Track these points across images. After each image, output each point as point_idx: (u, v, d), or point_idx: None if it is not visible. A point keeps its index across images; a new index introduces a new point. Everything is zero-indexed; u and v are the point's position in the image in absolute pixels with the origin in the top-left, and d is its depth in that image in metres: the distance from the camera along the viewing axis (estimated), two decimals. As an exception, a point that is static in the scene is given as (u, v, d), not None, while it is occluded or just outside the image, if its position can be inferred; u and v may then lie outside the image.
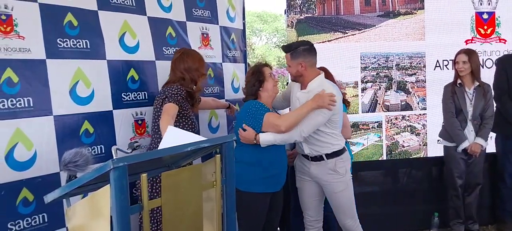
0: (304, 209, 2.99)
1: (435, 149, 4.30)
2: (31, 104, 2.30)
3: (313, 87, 2.71)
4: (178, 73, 2.71)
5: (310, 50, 2.72)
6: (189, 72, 2.71)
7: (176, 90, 2.58)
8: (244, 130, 2.66)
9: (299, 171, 2.94)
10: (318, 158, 2.78)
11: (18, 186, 2.26)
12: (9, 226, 2.23)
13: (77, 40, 2.53)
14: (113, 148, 1.88)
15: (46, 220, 2.37)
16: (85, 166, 1.74)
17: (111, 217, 1.60)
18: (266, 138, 2.64)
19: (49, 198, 1.85)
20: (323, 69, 2.93)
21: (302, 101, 2.70)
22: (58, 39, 2.44)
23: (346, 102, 3.19)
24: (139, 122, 2.89)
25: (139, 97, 2.89)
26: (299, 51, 2.70)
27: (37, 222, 2.34)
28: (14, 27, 2.27)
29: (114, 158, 1.69)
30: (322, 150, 2.76)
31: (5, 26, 2.23)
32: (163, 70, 3.04)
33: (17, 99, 2.25)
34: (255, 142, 2.64)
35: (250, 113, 2.67)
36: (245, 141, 2.67)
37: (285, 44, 2.86)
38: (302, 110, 2.60)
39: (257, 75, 2.74)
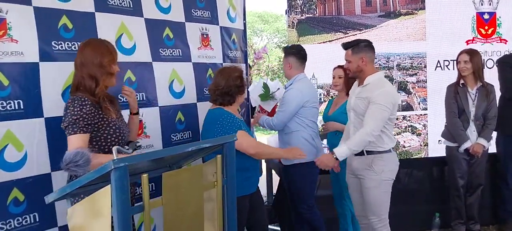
0: (353, 203, 3.13)
1: (436, 149, 4.30)
2: (22, 107, 2.31)
3: (371, 81, 2.81)
4: (78, 73, 2.15)
5: (370, 46, 2.87)
6: (87, 68, 2.12)
7: (77, 113, 2.03)
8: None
9: (347, 168, 3.05)
10: (359, 153, 2.85)
11: (8, 186, 2.26)
12: (0, 225, 2.24)
13: (72, 43, 2.52)
14: (114, 148, 1.87)
15: (37, 220, 2.37)
16: (86, 166, 1.74)
17: (112, 217, 1.60)
18: (343, 153, 2.74)
19: (50, 198, 1.85)
20: (342, 67, 3.25)
21: (360, 95, 2.82)
22: (53, 42, 2.44)
23: None
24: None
25: (137, 98, 2.88)
26: (361, 46, 2.84)
27: (28, 222, 2.34)
28: (8, 30, 2.27)
29: (115, 158, 1.69)
30: (366, 147, 2.81)
31: None
32: (160, 71, 3.04)
33: (7, 102, 2.26)
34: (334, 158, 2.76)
35: (221, 124, 2.65)
36: (327, 167, 2.82)
37: (345, 42, 2.97)
38: (275, 151, 3.02)
39: (241, 80, 2.76)
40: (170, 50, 3.13)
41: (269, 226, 4.35)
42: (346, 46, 2.91)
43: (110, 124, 2.15)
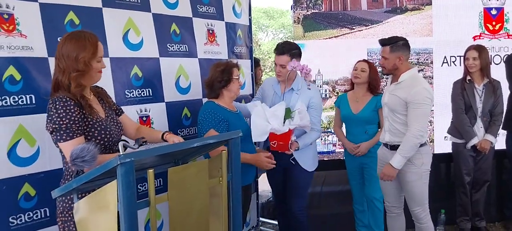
0: (384, 195, 3.19)
1: (442, 146, 4.27)
2: (34, 102, 2.33)
3: (405, 78, 2.87)
4: (56, 71, 1.95)
5: (407, 45, 2.90)
6: (62, 63, 1.92)
7: (64, 116, 1.86)
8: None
9: (379, 159, 3.11)
10: (396, 147, 2.90)
11: (19, 181, 2.29)
12: (10, 219, 2.26)
13: None
14: (120, 143, 1.88)
15: (47, 215, 2.40)
16: (92, 161, 1.74)
17: (118, 212, 1.61)
18: (400, 161, 2.81)
19: (56, 193, 1.86)
20: (367, 62, 3.27)
21: (394, 93, 2.89)
22: (58, 38, 2.44)
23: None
24: (144, 118, 2.90)
25: (144, 94, 2.90)
26: (400, 45, 2.86)
27: (39, 216, 2.37)
28: (16, 26, 2.29)
29: (121, 153, 1.69)
30: (400, 140, 2.88)
31: (7, 24, 2.25)
32: (167, 67, 3.05)
33: (19, 97, 2.28)
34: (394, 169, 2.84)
35: (202, 117, 2.74)
36: (391, 178, 2.88)
37: (383, 38, 2.96)
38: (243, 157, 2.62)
39: (226, 74, 2.77)
40: (177, 46, 3.14)
41: (272, 222, 4.37)
42: (383, 42, 2.92)
43: (94, 125, 1.98)
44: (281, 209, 3.37)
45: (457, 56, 4.29)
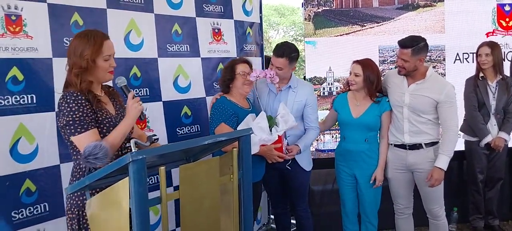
0: (395, 198, 3.13)
1: (455, 143, 4.24)
2: (34, 101, 2.41)
3: (427, 78, 2.86)
4: (67, 68, 1.97)
5: (427, 44, 2.85)
6: (71, 61, 1.94)
7: (76, 110, 1.87)
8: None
9: (392, 163, 3.02)
10: (417, 146, 2.90)
11: (21, 177, 2.38)
12: (13, 214, 2.35)
13: None
14: (132, 141, 1.90)
15: (47, 209, 2.48)
16: (105, 158, 1.76)
17: (130, 209, 1.63)
18: (446, 162, 2.81)
19: (69, 190, 1.89)
20: (362, 63, 2.95)
21: (418, 93, 2.85)
22: (64, 38, 2.52)
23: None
24: (141, 117, 2.92)
25: (141, 93, 2.96)
26: (421, 47, 2.81)
27: (39, 211, 2.45)
28: (23, 27, 2.36)
29: (133, 150, 1.71)
30: (422, 139, 2.89)
31: (14, 26, 2.33)
32: (166, 67, 3.09)
33: (20, 96, 2.36)
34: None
35: (213, 112, 2.78)
36: (440, 182, 2.85)
37: (402, 39, 2.87)
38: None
39: (229, 71, 2.82)
40: (177, 46, 3.17)
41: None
42: (404, 44, 2.83)
43: (104, 121, 1.97)
44: (279, 212, 3.35)
45: (470, 53, 4.24)
